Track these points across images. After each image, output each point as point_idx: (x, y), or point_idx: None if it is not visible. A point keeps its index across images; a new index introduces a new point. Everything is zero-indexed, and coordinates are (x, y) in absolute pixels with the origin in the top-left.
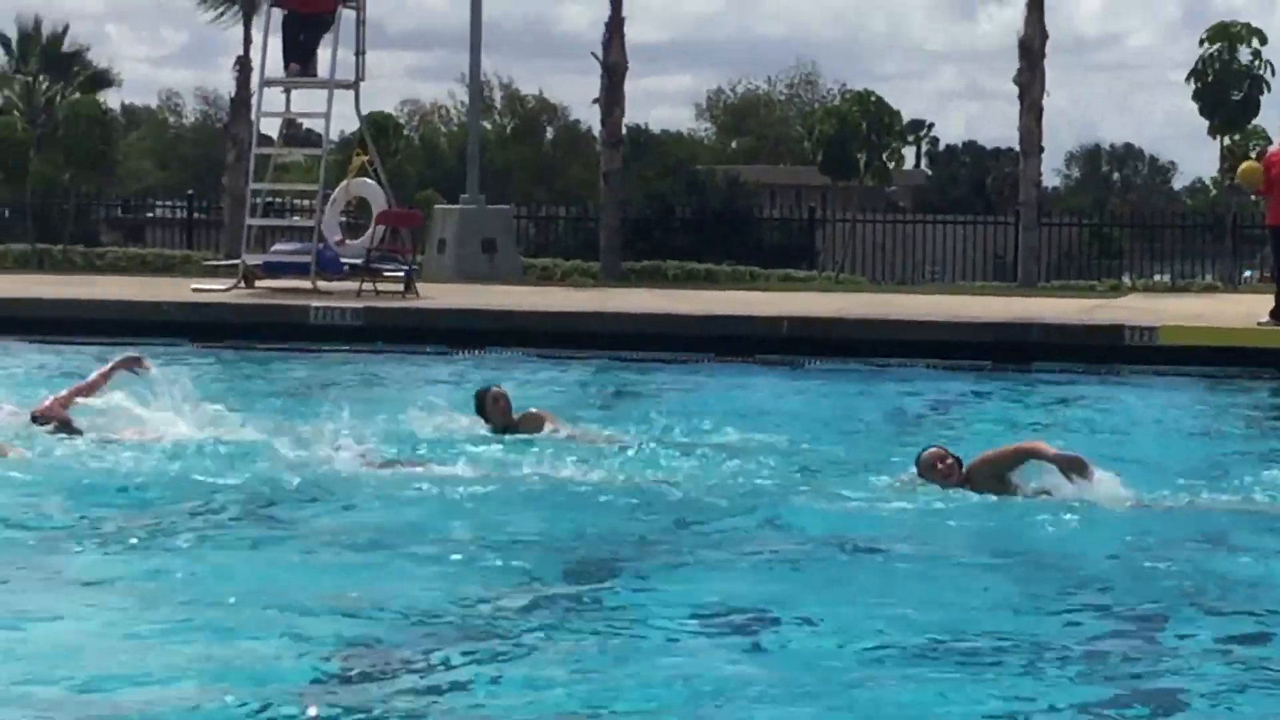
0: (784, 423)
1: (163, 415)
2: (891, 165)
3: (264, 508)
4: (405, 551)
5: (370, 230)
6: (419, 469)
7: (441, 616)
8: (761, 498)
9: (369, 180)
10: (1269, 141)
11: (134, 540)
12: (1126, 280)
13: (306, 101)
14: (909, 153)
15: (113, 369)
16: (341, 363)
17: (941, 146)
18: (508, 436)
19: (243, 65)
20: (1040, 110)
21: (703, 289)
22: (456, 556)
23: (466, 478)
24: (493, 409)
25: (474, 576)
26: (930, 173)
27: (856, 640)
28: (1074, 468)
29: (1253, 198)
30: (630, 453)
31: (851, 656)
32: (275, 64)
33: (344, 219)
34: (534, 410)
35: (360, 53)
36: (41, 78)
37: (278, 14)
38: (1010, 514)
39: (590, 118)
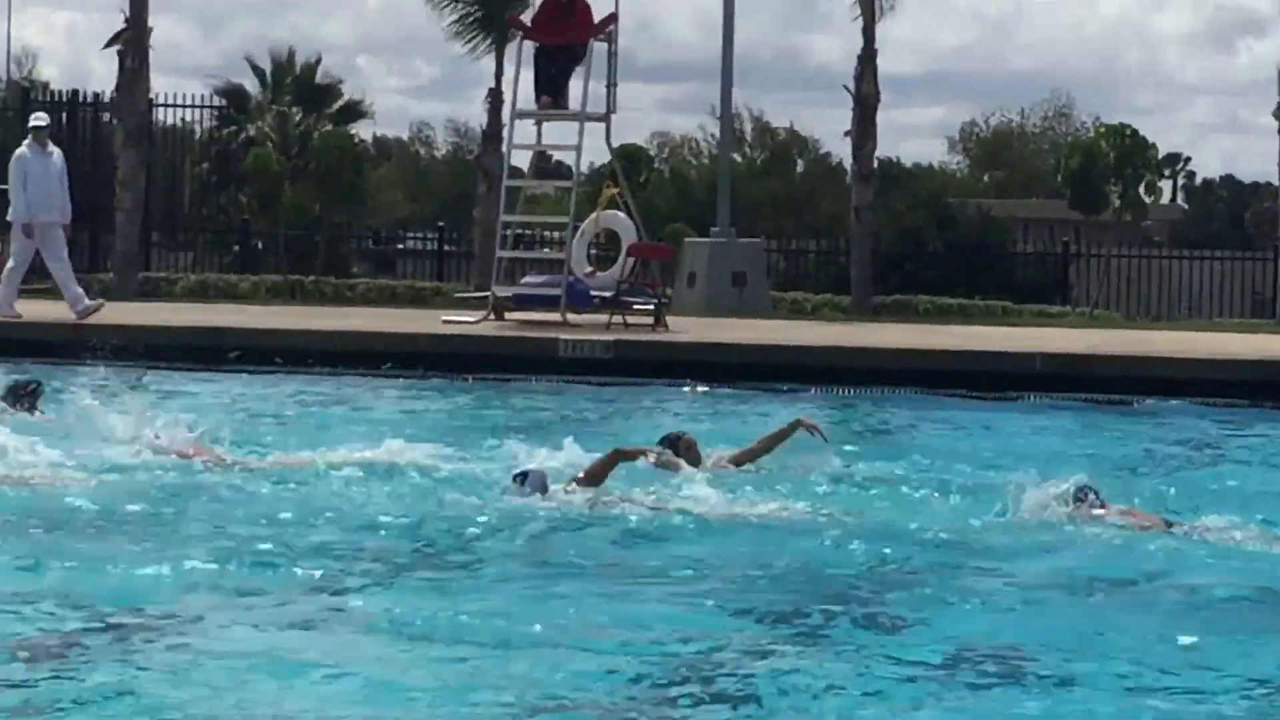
0: (1035, 460)
1: (395, 443)
2: (1149, 199)
3: (509, 542)
4: (641, 587)
5: (620, 263)
6: (650, 505)
7: (684, 652)
8: (1012, 535)
9: (618, 213)
10: None
11: (401, 578)
12: None
13: (557, 134)
14: (1165, 186)
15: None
16: (589, 396)
17: (1198, 180)
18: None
19: (494, 97)
20: None
21: (954, 324)
22: (698, 592)
23: (701, 514)
24: (687, 456)
25: (722, 613)
26: (1187, 207)
27: (1107, 687)
28: None
29: None
30: (865, 491)
31: (1106, 702)
32: (527, 96)
33: (593, 251)
34: (725, 458)
35: (611, 85)
36: (295, 109)
37: (529, 46)
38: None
39: (841, 150)
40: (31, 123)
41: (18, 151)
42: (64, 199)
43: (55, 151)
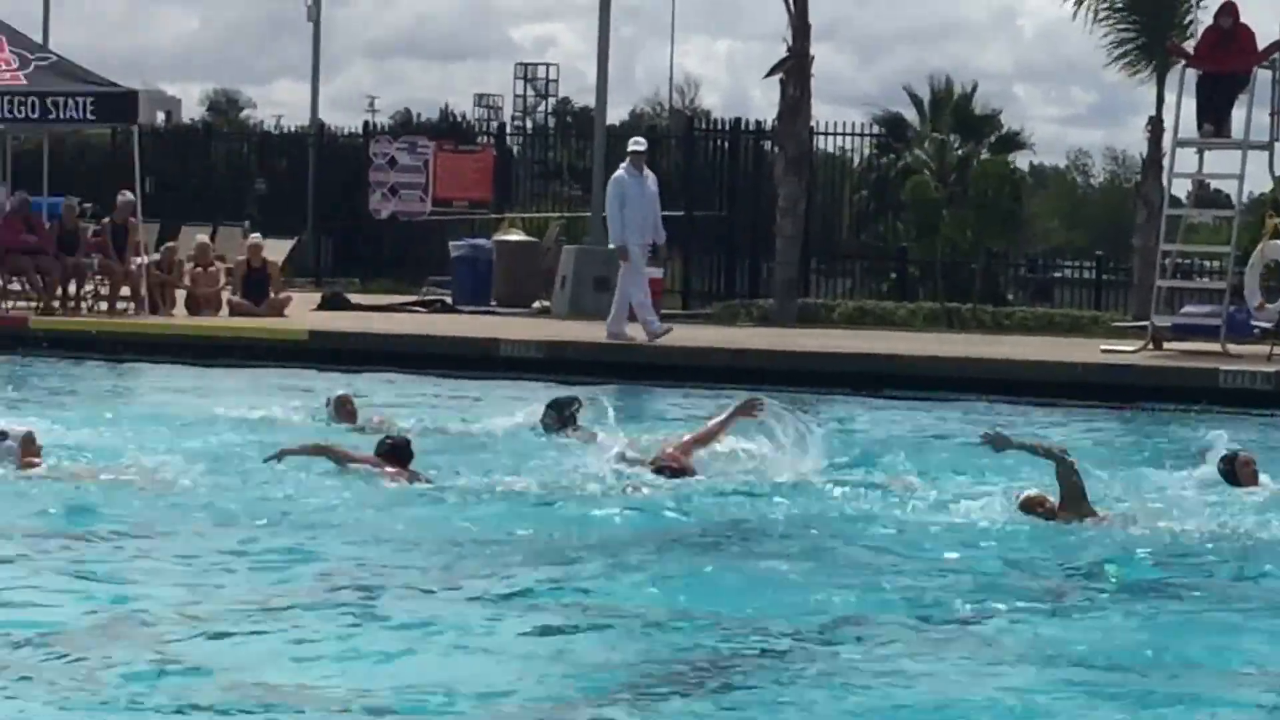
0: None
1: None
2: None
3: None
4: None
5: None
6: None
7: None
8: None
9: None
10: None
11: (1019, 607)
12: None
13: (1219, 162)
14: None
15: (732, 415)
16: (1253, 426)
17: None
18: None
19: (1155, 125)
20: None
21: None
22: None
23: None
24: (1242, 474)
25: None
26: None
27: None
28: None
29: None
30: None
31: None
32: (1188, 124)
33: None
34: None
35: (1275, 113)
36: (953, 137)
37: (1191, 74)
38: None
39: None
40: (631, 147)
41: (615, 175)
42: (657, 222)
43: (650, 175)
